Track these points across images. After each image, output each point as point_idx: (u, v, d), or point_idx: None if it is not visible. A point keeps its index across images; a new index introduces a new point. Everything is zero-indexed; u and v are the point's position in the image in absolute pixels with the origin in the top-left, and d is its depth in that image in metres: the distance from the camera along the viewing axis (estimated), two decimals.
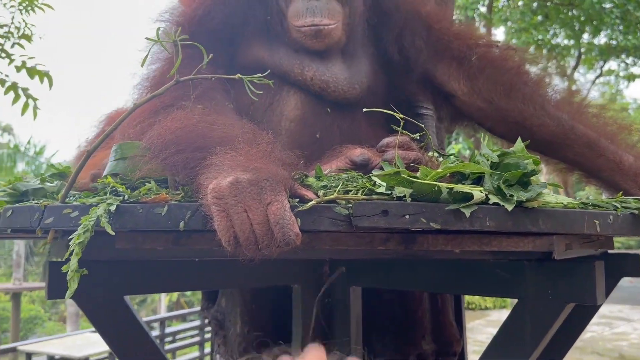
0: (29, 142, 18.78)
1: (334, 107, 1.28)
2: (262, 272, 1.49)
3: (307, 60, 1.28)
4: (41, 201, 1.01)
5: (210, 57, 0.97)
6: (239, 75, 1.06)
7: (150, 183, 1.00)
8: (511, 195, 0.91)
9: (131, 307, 1.30)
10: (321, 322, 1.52)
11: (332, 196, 0.89)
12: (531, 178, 0.98)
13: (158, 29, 0.98)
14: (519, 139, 1.03)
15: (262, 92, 1.07)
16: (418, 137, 1.08)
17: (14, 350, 6.66)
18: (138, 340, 1.28)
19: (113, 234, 0.86)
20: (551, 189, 1.01)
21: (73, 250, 0.84)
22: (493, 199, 0.92)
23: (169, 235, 0.98)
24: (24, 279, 15.04)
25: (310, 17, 1.25)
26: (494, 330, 1.22)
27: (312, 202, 0.87)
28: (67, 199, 0.98)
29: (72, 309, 17.31)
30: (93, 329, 8.22)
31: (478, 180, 0.99)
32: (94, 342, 6.81)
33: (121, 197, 0.93)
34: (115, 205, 0.90)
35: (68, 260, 0.89)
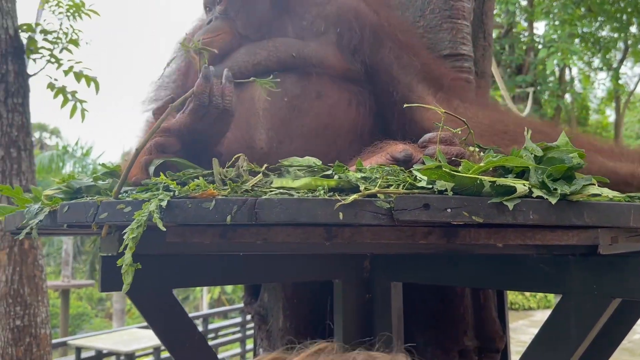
0: (76, 144, 19.41)
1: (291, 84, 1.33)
2: (304, 266, 1.52)
3: None
4: (95, 197, 1.06)
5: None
6: (253, 78, 1.13)
7: (198, 179, 1.03)
8: (555, 189, 0.91)
9: (178, 301, 1.35)
10: (362, 317, 1.54)
11: (373, 190, 0.91)
12: (575, 172, 0.97)
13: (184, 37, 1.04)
14: (563, 133, 1.02)
15: (279, 89, 1.14)
16: (459, 132, 1.08)
17: (64, 344, 6.92)
18: (185, 332, 1.33)
19: (164, 229, 0.90)
20: (596, 183, 0.99)
21: (127, 244, 0.88)
22: (537, 192, 0.91)
23: (216, 229, 1.01)
24: (72, 276, 15.58)
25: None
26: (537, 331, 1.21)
27: (354, 196, 0.89)
28: (120, 195, 1.02)
29: (117, 306, 17.84)
30: (139, 325, 8.46)
31: (521, 174, 0.99)
32: (140, 338, 7.01)
33: (172, 193, 0.97)
34: (166, 201, 0.93)
35: (121, 254, 0.93)
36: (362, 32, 1.38)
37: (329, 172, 1.02)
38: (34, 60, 4.47)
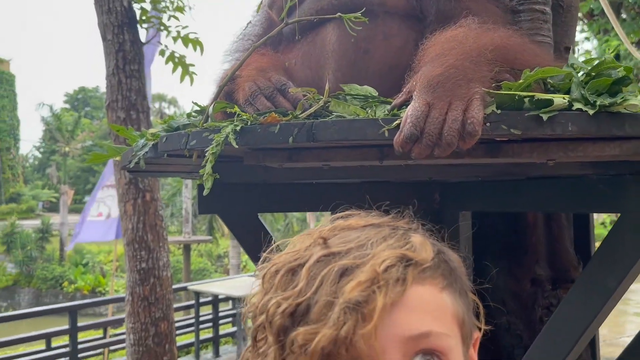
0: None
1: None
2: (377, 195, 1.64)
3: None
4: (187, 129, 1.25)
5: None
6: (339, 14, 1.22)
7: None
8: (595, 101, 0.95)
9: (263, 223, 1.54)
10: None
11: None
12: (622, 87, 1.00)
13: None
14: (607, 51, 1.04)
15: (360, 27, 1.22)
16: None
17: (185, 289, 7.67)
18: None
19: (237, 147, 1.06)
20: None
21: (208, 158, 1.06)
22: (577, 105, 0.96)
23: (283, 152, 1.17)
24: (193, 233, 16.91)
25: None
26: None
27: (399, 120, 0.99)
28: (205, 125, 1.21)
29: (234, 262, 19.09)
30: (251, 274, 9.10)
31: (568, 92, 1.03)
32: (251, 285, 7.56)
33: (245, 122, 1.13)
34: (240, 126, 1.10)
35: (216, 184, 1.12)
36: None
37: (382, 101, 1.12)
38: (146, 29, 4.89)
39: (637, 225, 1.18)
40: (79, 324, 6.46)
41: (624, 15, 14.20)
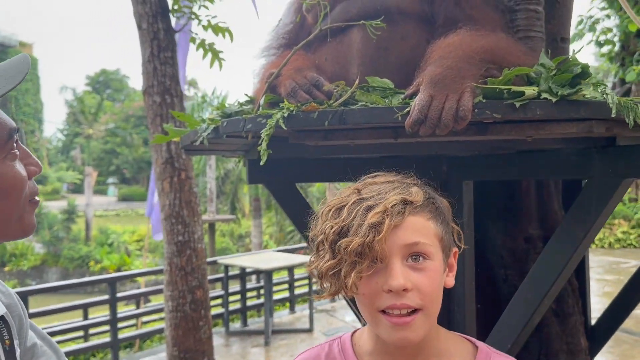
0: (213, 93, 21.13)
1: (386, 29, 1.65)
2: (397, 167, 1.96)
3: None
4: (243, 115, 1.59)
5: (327, 10, 1.44)
6: (363, 21, 1.53)
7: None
8: (557, 92, 1.26)
9: (300, 192, 1.88)
10: None
11: None
12: (582, 80, 1.30)
13: None
14: (573, 50, 1.34)
15: (379, 32, 1.52)
16: None
17: (214, 262, 8.10)
18: (306, 212, 1.86)
19: (285, 128, 1.39)
20: (597, 87, 1.31)
21: (263, 138, 1.40)
22: (544, 95, 1.27)
23: (320, 133, 1.50)
24: (216, 212, 17.40)
25: None
26: None
27: (409, 108, 1.31)
28: (258, 111, 1.54)
29: (255, 240, 19.54)
30: (276, 249, 9.52)
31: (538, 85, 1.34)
32: (277, 258, 8.00)
33: (291, 110, 1.46)
34: (287, 113, 1.43)
35: (259, 159, 1.45)
36: None
37: (396, 92, 1.44)
38: (178, 18, 5.21)
39: (600, 188, 1.50)
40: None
41: None
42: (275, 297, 8.85)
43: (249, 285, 8.80)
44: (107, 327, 7.09)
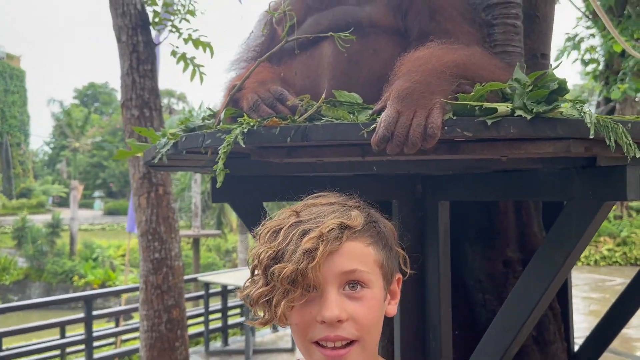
0: (200, 107, 21.03)
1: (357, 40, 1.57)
2: (368, 187, 1.87)
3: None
4: (203, 130, 1.49)
5: (294, 21, 1.36)
6: (331, 33, 1.45)
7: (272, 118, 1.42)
8: (532, 109, 1.18)
9: (267, 211, 1.78)
10: (416, 232, 1.87)
11: None
12: (559, 96, 1.22)
13: (269, 3, 1.39)
14: (551, 65, 1.26)
15: (348, 45, 1.44)
16: None
17: (195, 280, 7.94)
18: None
19: (244, 146, 1.30)
20: (575, 104, 1.23)
21: (220, 155, 1.30)
22: (518, 112, 1.19)
23: (283, 150, 1.40)
24: (201, 227, 17.20)
25: None
26: None
27: (375, 125, 1.22)
28: (218, 127, 1.44)
29: (242, 256, 19.35)
30: None
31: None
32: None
33: (252, 125, 1.37)
34: (247, 129, 1.34)
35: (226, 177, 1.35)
36: None
37: (364, 107, 1.36)
38: (159, 30, 5.13)
39: (580, 211, 1.41)
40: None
41: (630, 12, 14.27)
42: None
43: (230, 303, 8.62)
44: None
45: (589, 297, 11.58)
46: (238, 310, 9.00)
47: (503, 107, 1.18)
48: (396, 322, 1.84)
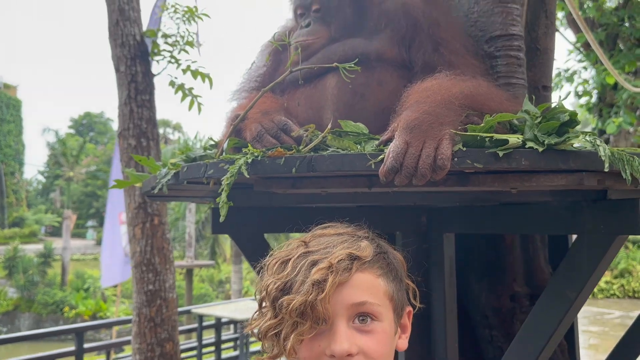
0: (195, 137, 21.06)
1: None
2: (372, 219, 1.83)
3: None
4: (205, 160, 1.46)
5: (298, 51, 1.35)
6: (336, 63, 1.43)
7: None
8: (543, 141, 1.16)
9: (267, 242, 1.73)
10: (420, 264, 1.83)
11: None
12: (569, 128, 1.20)
13: (274, 34, 1.38)
14: (560, 97, 1.25)
15: (353, 75, 1.42)
16: None
17: (188, 312, 7.79)
18: None
19: (248, 176, 1.26)
20: (588, 136, 1.21)
21: (223, 187, 1.27)
22: (529, 144, 1.16)
23: (288, 180, 1.37)
24: (195, 257, 17.02)
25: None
26: None
27: (382, 155, 1.20)
28: (221, 157, 1.41)
29: (235, 287, 19.12)
30: (253, 298, 9.23)
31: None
32: (254, 308, 7.69)
33: (256, 155, 1.34)
34: (251, 159, 1.30)
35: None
36: (407, 28, 1.65)
37: (371, 137, 1.33)
38: (157, 61, 5.14)
39: (591, 244, 1.37)
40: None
41: (621, 46, 14.53)
42: (252, 348, 8.50)
43: (224, 336, 8.44)
44: None
45: (588, 330, 11.46)
46: (232, 344, 8.82)
47: (514, 139, 1.16)
48: (401, 357, 1.78)
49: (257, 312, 0.96)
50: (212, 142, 1.69)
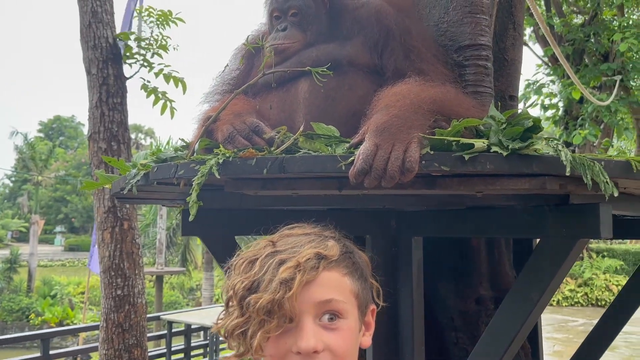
0: (167, 143, 20.81)
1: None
2: (342, 222, 1.85)
3: None
4: (175, 161, 1.46)
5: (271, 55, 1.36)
6: (309, 67, 1.45)
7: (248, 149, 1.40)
8: (507, 145, 1.19)
9: (238, 244, 1.73)
10: (389, 267, 1.85)
11: None
12: (533, 134, 1.24)
13: (247, 37, 1.39)
14: (524, 104, 1.29)
15: (325, 80, 1.45)
16: None
17: (157, 318, 7.69)
18: None
19: (219, 177, 1.27)
20: (551, 142, 1.25)
21: (194, 187, 1.27)
22: (494, 148, 1.20)
23: (258, 182, 1.38)
24: (165, 264, 16.80)
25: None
26: None
27: (352, 157, 1.22)
28: (192, 157, 1.41)
29: (206, 294, 18.91)
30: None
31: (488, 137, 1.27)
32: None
33: (227, 156, 1.34)
34: (222, 160, 1.31)
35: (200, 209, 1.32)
36: (380, 35, 1.68)
37: (341, 140, 1.35)
38: (130, 64, 5.09)
39: (553, 248, 1.42)
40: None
41: (587, 61, 14.97)
42: (223, 354, 8.42)
43: (194, 343, 8.35)
44: None
45: (552, 337, 11.68)
46: (201, 351, 8.73)
47: (480, 143, 1.19)
48: (369, 358, 1.80)
49: (224, 312, 0.97)
50: (184, 143, 1.69)
